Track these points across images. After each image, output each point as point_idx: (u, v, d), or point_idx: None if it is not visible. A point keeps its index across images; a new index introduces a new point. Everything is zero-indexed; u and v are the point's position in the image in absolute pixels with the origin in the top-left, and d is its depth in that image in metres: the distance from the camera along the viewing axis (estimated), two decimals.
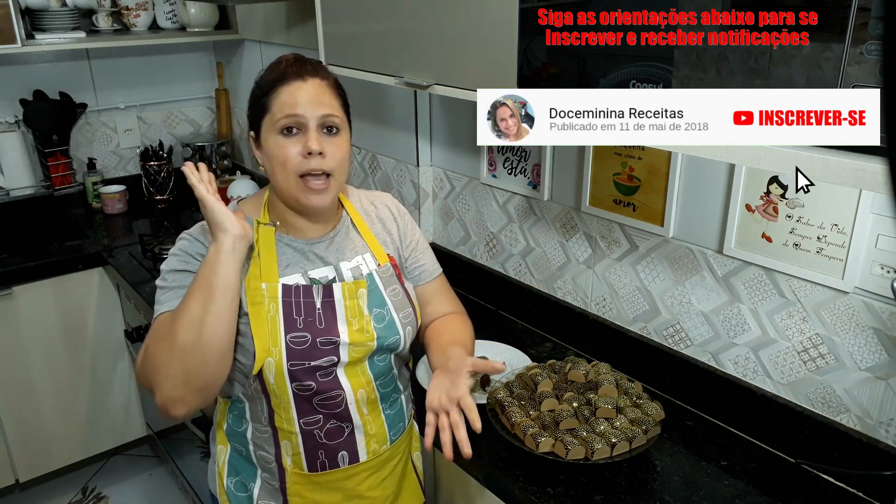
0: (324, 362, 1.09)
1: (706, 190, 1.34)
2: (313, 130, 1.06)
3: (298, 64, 1.10)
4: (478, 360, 1.12)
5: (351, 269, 1.15)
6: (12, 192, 2.52)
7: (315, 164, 1.06)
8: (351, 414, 1.13)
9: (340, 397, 1.11)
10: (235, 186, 2.54)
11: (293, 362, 1.07)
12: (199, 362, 1.01)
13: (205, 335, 1.00)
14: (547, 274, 1.74)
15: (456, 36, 1.28)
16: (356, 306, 1.12)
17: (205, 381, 1.03)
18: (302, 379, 1.08)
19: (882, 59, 0.32)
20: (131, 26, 2.59)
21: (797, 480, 1.22)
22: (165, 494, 2.50)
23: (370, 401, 1.15)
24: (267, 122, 1.08)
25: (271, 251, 1.11)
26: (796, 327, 1.25)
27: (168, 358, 1.01)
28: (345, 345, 1.09)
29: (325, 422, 1.12)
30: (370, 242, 1.20)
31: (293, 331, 1.07)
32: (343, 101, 1.13)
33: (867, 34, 0.72)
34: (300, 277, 1.11)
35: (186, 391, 1.02)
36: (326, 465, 1.14)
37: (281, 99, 1.07)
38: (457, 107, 1.86)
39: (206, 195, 1.03)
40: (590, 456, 1.19)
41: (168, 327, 1.02)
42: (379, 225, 1.23)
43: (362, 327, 1.11)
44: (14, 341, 2.25)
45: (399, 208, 1.28)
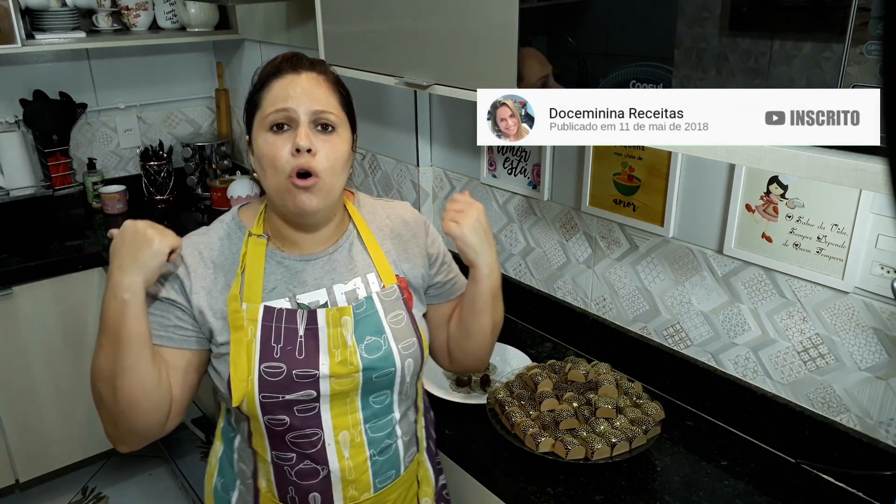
0: (301, 396, 0.99)
1: (706, 190, 1.34)
2: (304, 126, 0.97)
3: (295, 58, 1.02)
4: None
5: (346, 293, 1.05)
6: (12, 192, 2.52)
7: (303, 162, 0.96)
8: (327, 457, 1.03)
9: (317, 437, 1.02)
10: (235, 186, 2.54)
11: (265, 394, 0.98)
12: (121, 411, 0.95)
13: (118, 387, 0.94)
14: (547, 274, 1.74)
15: (456, 36, 1.28)
16: (338, 335, 1.01)
17: (135, 429, 0.97)
18: (275, 413, 0.99)
19: (882, 59, 0.32)
20: (131, 26, 2.59)
21: (797, 480, 1.22)
22: (165, 494, 2.50)
23: (354, 444, 1.04)
24: (258, 119, 1.00)
25: (258, 269, 1.02)
26: (796, 327, 1.25)
27: (98, 401, 0.98)
28: (325, 377, 0.99)
29: (298, 461, 1.03)
30: (377, 261, 1.09)
31: (268, 359, 0.98)
32: (343, 100, 1.04)
33: (867, 34, 0.72)
34: (286, 302, 1.02)
35: (123, 434, 0.98)
36: (296, 501, 1.06)
37: (272, 93, 0.99)
38: (457, 107, 1.86)
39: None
40: (590, 456, 1.19)
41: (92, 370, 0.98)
42: (391, 242, 1.12)
43: (345, 358, 1.00)
44: (14, 341, 2.24)
45: (418, 219, 1.17)
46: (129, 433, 0.99)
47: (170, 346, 1.01)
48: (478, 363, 1.22)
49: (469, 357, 1.19)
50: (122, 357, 0.94)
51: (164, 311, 1.01)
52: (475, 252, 1.06)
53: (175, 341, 1.01)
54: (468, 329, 1.14)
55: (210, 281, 1.03)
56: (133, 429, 0.98)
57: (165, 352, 1.01)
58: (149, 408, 0.96)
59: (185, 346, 1.02)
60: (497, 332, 1.19)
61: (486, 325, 1.14)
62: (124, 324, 0.93)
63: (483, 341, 1.16)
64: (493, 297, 1.12)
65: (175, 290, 1.02)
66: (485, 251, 1.07)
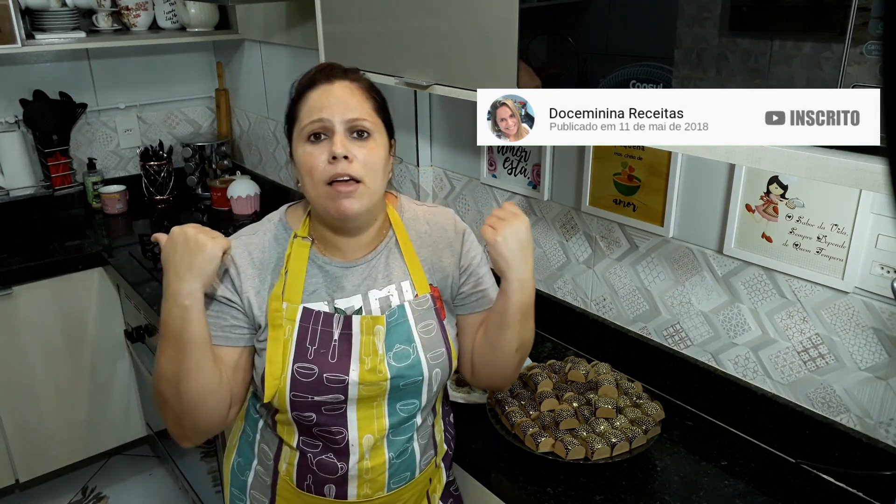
0: (329, 399, 1.03)
1: (706, 190, 1.34)
2: (339, 134, 1.00)
3: (328, 69, 1.06)
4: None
5: (379, 300, 1.08)
6: (12, 192, 2.52)
7: (341, 169, 0.99)
8: (349, 454, 1.07)
9: (342, 435, 1.05)
10: (235, 186, 2.54)
11: (296, 394, 1.02)
12: (186, 411, 0.99)
13: (182, 390, 0.97)
14: (547, 274, 1.74)
15: (456, 36, 1.28)
16: (370, 343, 1.04)
17: (199, 426, 1.02)
18: (303, 411, 1.04)
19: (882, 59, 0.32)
20: (131, 26, 2.59)
21: (797, 480, 1.22)
22: (165, 494, 2.50)
23: (375, 447, 1.08)
24: (296, 131, 1.04)
25: (301, 271, 1.06)
26: (796, 327, 1.25)
27: (161, 401, 1.02)
28: (354, 384, 1.02)
29: (322, 452, 1.07)
30: (412, 269, 1.10)
31: (302, 360, 1.02)
32: (377, 105, 1.06)
33: (867, 34, 0.72)
34: (324, 305, 1.06)
35: (187, 431, 1.02)
36: (312, 489, 1.10)
37: (308, 105, 1.02)
38: (457, 107, 1.86)
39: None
40: (590, 456, 1.19)
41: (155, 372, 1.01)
42: (429, 249, 1.13)
43: (374, 366, 1.03)
44: (14, 341, 2.24)
45: (458, 228, 1.16)
46: (193, 430, 1.03)
47: (227, 346, 1.05)
48: (500, 381, 1.18)
49: (491, 373, 1.15)
50: (185, 360, 0.97)
51: (219, 311, 1.05)
52: (507, 263, 1.03)
53: (232, 340, 1.05)
54: (493, 343, 1.11)
55: (258, 280, 1.06)
56: (196, 426, 1.02)
57: (223, 350, 1.04)
58: (212, 406, 1.01)
59: (242, 343, 1.06)
60: (524, 354, 1.13)
61: (511, 342, 1.09)
62: (187, 329, 0.97)
63: (507, 359, 1.11)
64: (523, 315, 1.07)
65: (229, 289, 1.06)
66: (518, 264, 1.04)
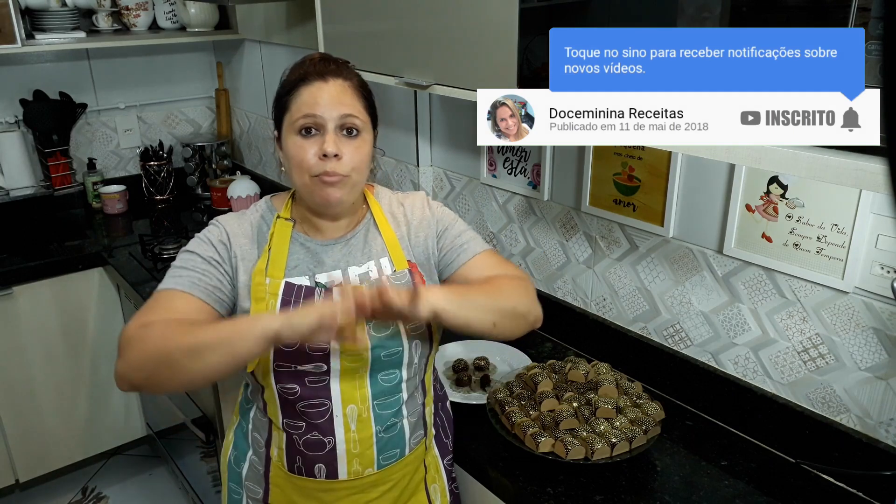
0: (312, 368, 1.06)
1: (706, 190, 1.34)
2: (331, 132, 1.04)
3: (322, 63, 1.08)
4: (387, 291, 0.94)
5: (359, 276, 1.12)
6: (12, 192, 2.52)
7: (330, 167, 1.03)
8: (334, 428, 1.09)
9: (325, 407, 1.08)
10: (235, 186, 2.54)
11: (279, 363, 1.06)
12: (171, 375, 0.97)
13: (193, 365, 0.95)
14: (547, 274, 1.74)
15: (456, 36, 1.28)
16: None
17: (164, 385, 1.01)
18: (286, 382, 1.07)
19: (882, 59, 0.32)
20: (131, 26, 2.59)
21: (797, 480, 1.22)
22: (165, 494, 2.50)
23: (361, 419, 1.10)
24: (287, 121, 1.07)
25: (283, 248, 1.10)
26: (796, 327, 1.25)
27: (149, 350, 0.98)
28: (335, 353, 1.06)
29: (307, 431, 1.09)
30: (390, 245, 1.14)
31: None
32: (367, 103, 1.11)
33: (867, 34, 0.72)
34: (305, 280, 1.10)
35: (143, 382, 1.00)
36: (303, 471, 1.12)
37: (301, 99, 1.05)
38: (457, 107, 1.86)
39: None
40: (590, 456, 1.19)
41: (165, 325, 0.99)
42: (405, 227, 1.17)
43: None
44: (14, 341, 2.24)
45: (430, 203, 1.20)
46: (155, 385, 1.01)
47: (203, 300, 1.06)
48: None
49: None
50: (218, 362, 0.95)
51: (207, 271, 1.07)
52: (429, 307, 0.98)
53: (212, 300, 1.07)
54: None
55: (248, 248, 1.11)
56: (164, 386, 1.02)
57: (194, 301, 1.05)
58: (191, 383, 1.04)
59: (217, 308, 1.07)
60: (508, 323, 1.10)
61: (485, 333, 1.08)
62: (253, 353, 0.96)
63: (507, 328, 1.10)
64: (467, 326, 1.04)
65: (223, 256, 1.09)
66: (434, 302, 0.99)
